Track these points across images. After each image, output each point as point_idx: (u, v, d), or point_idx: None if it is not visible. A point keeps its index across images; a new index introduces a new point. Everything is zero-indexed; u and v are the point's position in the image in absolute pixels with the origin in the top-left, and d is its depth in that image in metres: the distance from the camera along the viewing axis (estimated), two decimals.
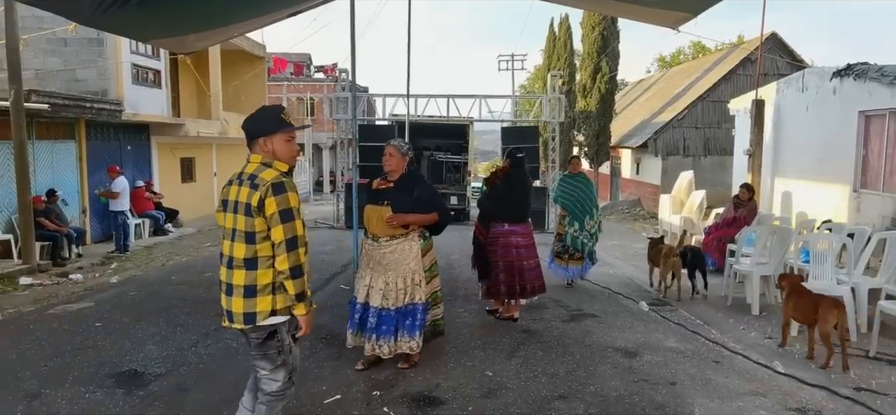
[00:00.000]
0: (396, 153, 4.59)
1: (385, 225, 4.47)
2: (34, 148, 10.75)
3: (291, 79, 30.11)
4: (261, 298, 2.85)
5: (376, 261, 4.54)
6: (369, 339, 4.55)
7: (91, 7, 5.78)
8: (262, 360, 2.96)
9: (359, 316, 4.58)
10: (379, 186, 4.63)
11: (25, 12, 10.32)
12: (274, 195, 2.79)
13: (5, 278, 8.66)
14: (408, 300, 4.57)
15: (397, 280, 4.52)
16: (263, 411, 3.00)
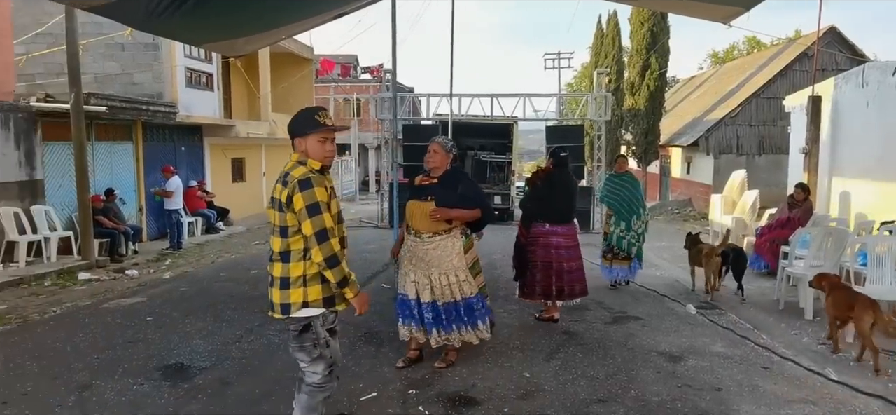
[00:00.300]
0: (440, 150, 4.58)
1: (428, 220, 4.45)
2: (94, 149, 11.23)
3: (338, 80, 30.57)
4: (293, 290, 2.99)
5: (419, 257, 4.54)
6: (430, 333, 4.59)
7: (146, 12, 6.01)
8: (300, 352, 3.09)
9: (414, 312, 4.58)
10: (422, 183, 4.64)
11: (86, 19, 10.78)
12: (300, 191, 2.93)
13: (65, 273, 9.08)
14: (459, 296, 4.56)
15: (441, 276, 4.51)
16: (304, 400, 3.12)
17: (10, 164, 9.70)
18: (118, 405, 4.02)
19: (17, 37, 11.42)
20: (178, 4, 5.78)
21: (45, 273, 8.92)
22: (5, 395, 4.18)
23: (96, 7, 6.75)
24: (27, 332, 5.94)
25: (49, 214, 10.15)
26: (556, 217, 6.01)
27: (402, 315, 4.68)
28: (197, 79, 13.96)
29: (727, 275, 7.58)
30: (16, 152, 9.81)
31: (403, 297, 4.66)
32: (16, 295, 7.78)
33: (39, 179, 10.25)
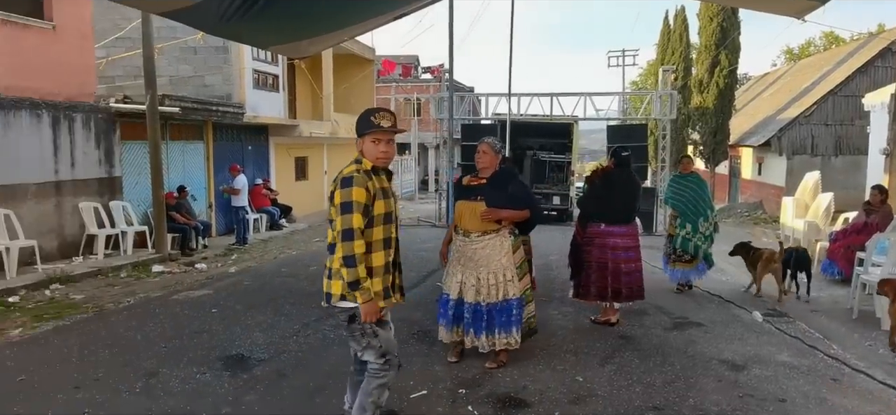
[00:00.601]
0: (489, 151, 4.61)
1: (478, 220, 4.47)
2: (167, 148, 11.79)
3: (399, 80, 30.93)
4: (335, 281, 3.11)
5: (468, 257, 4.56)
6: (467, 333, 4.60)
7: (216, 16, 6.27)
8: (351, 340, 3.23)
9: (453, 312, 4.62)
10: (470, 183, 4.66)
11: (161, 24, 11.32)
12: (340, 188, 3.04)
13: (140, 266, 9.58)
14: (501, 296, 4.56)
15: (489, 276, 4.52)
16: (365, 385, 3.23)
17: (91, 161, 10.30)
18: (181, 393, 4.21)
19: (98, 41, 12.12)
20: (246, 8, 6.00)
21: (122, 265, 9.43)
22: (79, 380, 4.44)
23: (170, 12, 7.11)
24: (102, 320, 6.30)
25: (126, 209, 10.72)
26: (613, 217, 5.89)
27: (442, 315, 4.74)
28: (263, 80, 14.43)
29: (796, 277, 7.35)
30: (96, 151, 10.41)
31: (445, 296, 4.70)
32: (94, 285, 8.26)
33: (118, 176, 10.85)
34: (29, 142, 9.15)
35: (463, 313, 4.58)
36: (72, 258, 9.64)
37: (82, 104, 10.16)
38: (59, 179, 9.70)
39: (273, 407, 3.99)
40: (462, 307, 4.59)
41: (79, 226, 9.97)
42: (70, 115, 9.87)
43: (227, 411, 3.91)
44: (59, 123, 9.68)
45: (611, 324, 6.01)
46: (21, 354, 5.13)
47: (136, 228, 10.64)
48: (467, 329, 4.59)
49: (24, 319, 6.41)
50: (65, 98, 9.86)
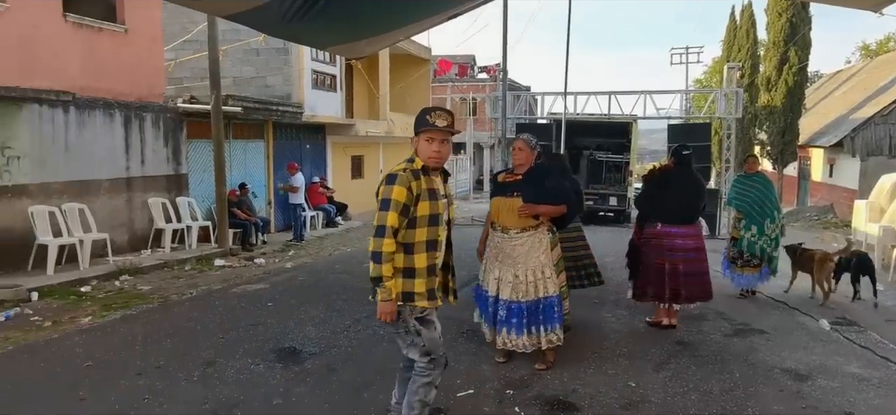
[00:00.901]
0: (525, 147, 4.58)
1: (515, 216, 4.44)
2: (230, 146, 12.20)
3: (455, 79, 31.00)
4: None
5: (506, 253, 4.51)
6: (499, 332, 4.56)
7: (277, 19, 6.45)
8: (397, 337, 3.23)
9: (492, 310, 4.60)
10: (505, 179, 4.65)
11: (226, 27, 11.72)
12: (383, 184, 3.03)
13: (203, 259, 9.94)
14: (541, 294, 4.50)
15: (527, 273, 4.47)
16: (411, 384, 3.22)
17: (159, 159, 10.77)
18: (236, 383, 4.34)
19: (167, 43, 12.66)
20: (306, 10, 6.14)
21: (186, 258, 9.82)
22: (141, 367, 4.65)
23: (234, 15, 7.36)
24: (166, 311, 6.58)
25: (191, 205, 11.15)
26: (670, 217, 5.75)
27: (484, 313, 4.72)
28: (321, 81, 14.73)
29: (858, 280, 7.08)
30: (164, 149, 10.88)
31: (485, 293, 4.66)
32: (160, 277, 8.62)
33: (184, 173, 11.30)
34: (102, 140, 9.64)
35: (498, 311, 4.54)
36: (140, 251, 10.09)
37: (152, 104, 10.63)
38: (130, 175, 10.18)
39: (322, 400, 4.05)
40: (497, 305, 4.55)
41: (148, 220, 10.43)
42: (140, 114, 10.34)
43: (278, 403, 4.00)
44: (131, 122, 10.16)
45: (663, 326, 5.87)
46: (90, 341, 5.40)
47: (200, 223, 11.04)
48: (499, 328, 4.55)
49: (95, 307, 6.76)
50: (136, 98, 10.34)
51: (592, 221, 16.92)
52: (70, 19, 9.31)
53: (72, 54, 9.31)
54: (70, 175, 9.12)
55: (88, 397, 4.06)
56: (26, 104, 8.39)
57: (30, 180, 8.56)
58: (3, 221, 8.22)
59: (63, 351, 5.08)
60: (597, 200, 16.89)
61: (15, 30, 8.38)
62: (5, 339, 5.50)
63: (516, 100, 17.27)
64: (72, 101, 8.88)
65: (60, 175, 8.98)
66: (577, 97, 16.20)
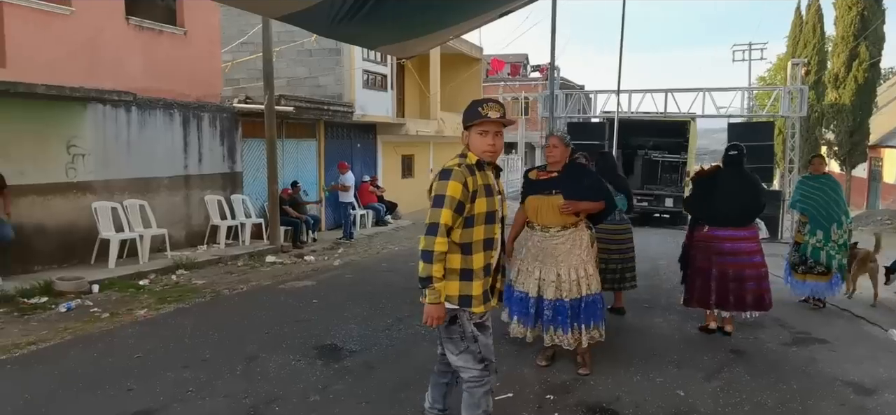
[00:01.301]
0: (560, 144, 4.54)
1: (557, 214, 4.37)
2: (283, 145, 12.45)
3: (508, 79, 30.79)
4: (446, 282, 2.91)
5: (547, 252, 4.43)
6: (547, 330, 4.50)
7: (328, 19, 6.52)
8: (449, 343, 3.03)
9: (534, 311, 4.50)
10: (540, 177, 4.55)
11: (281, 28, 11.97)
12: (437, 180, 2.91)
13: (255, 256, 10.17)
14: (584, 292, 4.44)
15: (570, 271, 4.41)
16: (466, 398, 3.05)
17: (216, 158, 11.09)
18: (276, 378, 4.39)
19: (225, 45, 13.03)
20: (354, 11, 6.18)
21: (239, 255, 10.07)
22: (187, 359, 4.76)
23: (285, 16, 7.48)
24: (216, 305, 6.74)
25: (245, 202, 11.44)
26: (718, 219, 5.52)
27: (518, 313, 4.60)
28: (372, 80, 14.87)
29: None
30: (220, 148, 11.19)
31: (521, 295, 4.56)
32: (213, 272, 8.86)
33: (239, 171, 11.60)
34: (162, 139, 9.99)
35: (543, 310, 4.46)
36: (197, 247, 10.41)
37: (209, 104, 10.95)
38: (188, 173, 10.51)
39: (359, 398, 4.05)
40: (542, 304, 4.46)
41: (204, 217, 10.75)
42: (198, 114, 10.67)
43: (315, 399, 4.02)
44: (189, 121, 10.49)
45: (711, 330, 5.69)
46: (142, 332, 5.59)
47: (253, 220, 11.31)
48: (547, 326, 4.48)
49: (151, 300, 6.99)
50: (194, 99, 10.67)
51: (647, 223, 16.49)
52: (132, 23, 9.69)
53: (133, 56, 9.68)
54: (131, 172, 9.49)
55: (136, 388, 4.18)
56: (90, 104, 8.78)
57: (94, 177, 8.95)
58: (68, 216, 8.62)
59: (116, 342, 5.26)
60: (651, 202, 16.45)
61: (80, 33, 8.77)
62: (65, 329, 5.75)
63: (568, 98, 16.98)
64: (133, 102, 9.23)
65: (122, 172, 9.35)
66: (632, 95, 15.80)
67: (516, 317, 4.60)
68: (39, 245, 8.25)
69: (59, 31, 8.49)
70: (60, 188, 8.53)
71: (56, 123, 8.40)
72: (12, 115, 7.81)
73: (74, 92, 8.18)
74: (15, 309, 6.47)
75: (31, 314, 6.33)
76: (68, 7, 8.59)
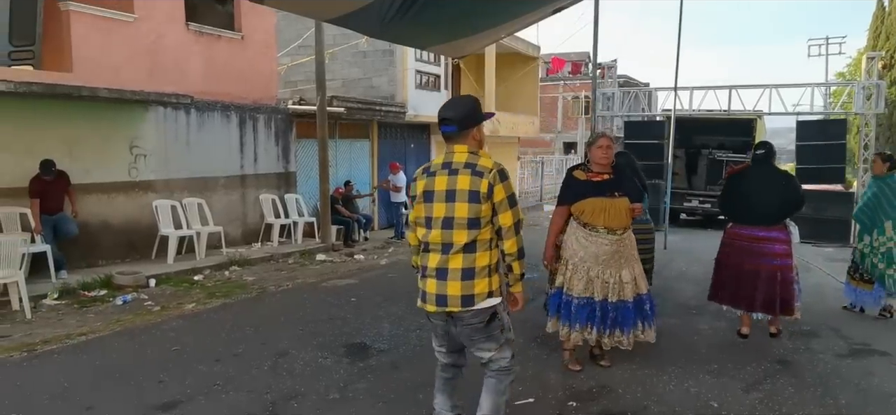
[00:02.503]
0: (612, 144, 4.49)
1: (624, 216, 4.32)
2: (336, 146, 12.69)
3: (568, 77, 30.30)
4: (479, 281, 2.90)
5: (613, 255, 4.34)
6: (612, 334, 4.39)
7: (378, 21, 6.60)
8: (488, 342, 3.01)
9: (601, 312, 4.37)
10: (592, 178, 4.40)
11: (335, 31, 12.20)
12: (501, 182, 2.90)
13: (306, 254, 10.40)
14: (641, 291, 4.45)
15: (630, 271, 4.40)
16: (494, 384, 3.09)
17: (271, 158, 11.42)
18: (301, 374, 4.46)
19: (283, 48, 13.41)
20: (404, 12, 6.22)
21: (291, 252, 10.32)
22: (221, 353, 4.91)
23: (336, 19, 7.61)
24: (260, 301, 6.93)
25: (298, 201, 11.72)
26: (743, 217, 5.52)
27: (578, 321, 4.40)
28: (425, 81, 14.96)
29: None
30: (275, 148, 11.52)
31: (584, 300, 4.37)
32: (264, 269, 9.12)
33: (292, 171, 11.91)
34: (219, 140, 10.37)
35: (607, 314, 4.37)
36: (251, 244, 10.76)
37: (265, 106, 11.29)
38: (244, 173, 10.88)
39: (377, 397, 4.05)
40: (605, 308, 4.37)
41: (259, 215, 11.10)
42: (254, 116, 11.02)
43: (334, 397, 4.05)
44: (245, 123, 10.85)
45: (744, 336, 5.55)
46: (185, 326, 5.81)
47: (305, 219, 11.57)
48: (612, 330, 4.39)
49: (201, 295, 7.26)
50: (250, 101, 11.03)
51: (710, 225, 15.84)
52: (192, 28, 10.10)
53: (193, 60, 10.09)
54: (190, 172, 9.90)
55: (167, 380, 4.34)
56: (151, 107, 9.21)
57: (155, 176, 9.39)
58: (131, 213, 9.08)
59: (158, 335, 5.49)
60: (715, 203, 15.78)
61: (142, 39, 9.22)
62: (117, 321, 6.05)
63: (625, 96, 16.52)
64: (191, 104, 9.62)
65: (182, 172, 9.77)
66: (693, 92, 15.20)
67: (577, 324, 4.41)
68: (103, 241, 8.73)
69: (123, 37, 8.95)
70: (123, 187, 9.00)
71: (119, 124, 8.87)
72: (78, 117, 8.29)
73: (135, 95, 8.61)
74: (75, 301, 6.86)
75: (89, 306, 6.70)
76: (131, 14, 9.04)
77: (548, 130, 30.96)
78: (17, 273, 6.27)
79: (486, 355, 3.04)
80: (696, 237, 12.79)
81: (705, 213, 15.75)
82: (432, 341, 3.26)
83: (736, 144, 16.32)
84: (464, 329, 2.99)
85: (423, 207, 3.00)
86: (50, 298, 6.83)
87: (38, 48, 8.44)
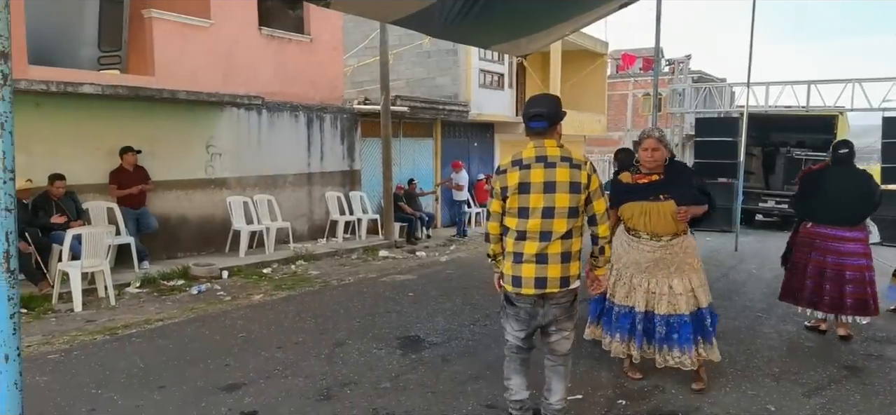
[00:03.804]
0: (661, 145, 4.11)
1: (670, 221, 4.01)
2: (400, 144, 12.95)
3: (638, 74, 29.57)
4: (574, 263, 3.21)
5: (658, 263, 4.08)
6: (660, 350, 4.09)
7: (440, 21, 6.73)
8: (568, 321, 3.32)
9: (642, 327, 4.13)
10: (639, 181, 4.16)
11: (401, 31, 12.42)
12: (595, 173, 3.24)
13: (370, 250, 10.67)
14: (694, 307, 4.06)
15: (685, 281, 4.06)
16: (562, 370, 3.40)
17: (337, 156, 11.79)
18: (356, 364, 4.63)
19: (350, 50, 13.79)
20: (465, 12, 6.33)
21: (355, 248, 10.62)
22: (283, 342, 5.16)
23: (398, 20, 7.80)
24: (322, 294, 7.20)
25: (362, 199, 12.04)
26: (821, 216, 5.33)
27: (620, 330, 4.22)
28: (489, 80, 15.01)
29: None
30: (341, 147, 11.88)
31: (625, 310, 4.19)
32: (328, 264, 9.44)
33: (357, 169, 12.24)
34: (288, 139, 10.81)
35: (655, 327, 4.09)
36: (317, 240, 11.13)
37: (331, 106, 11.67)
38: (310, 171, 11.28)
39: (427, 389, 4.16)
40: (654, 321, 4.09)
41: (324, 212, 11.48)
42: (321, 115, 11.41)
43: (386, 386, 4.19)
44: (312, 122, 11.25)
45: (819, 331, 5.51)
46: (252, 315, 6.12)
47: (369, 216, 11.87)
48: (661, 345, 4.08)
49: (268, 287, 7.61)
50: (317, 101, 11.42)
51: (787, 227, 15.12)
52: (264, 32, 10.56)
53: (265, 63, 10.55)
54: (261, 170, 10.36)
55: (232, 364, 4.61)
56: (226, 108, 9.71)
57: (229, 174, 9.89)
58: (207, 209, 9.61)
59: (227, 323, 5.81)
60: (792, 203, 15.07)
61: (218, 43, 9.72)
62: (191, 309, 6.45)
63: (698, 93, 15.98)
64: (262, 105, 10.07)
65: (253, 170, 10.24)
66: (769, 88, 14.54)
67: (618, 334, 4.26)
68: (182, 234, 9.29)
69: (200, 42, 9.47)
70: (200, 184, 9.53)
71: (197, 125, 9.40)
72: (159, 118, 8.85)
73: (211, 97, 9.10)
74: (155, 290, 7.35)
75: (167, 295, 7.16)
76: (208, 20, 9.55)
77: (616, 128, 30.33)
78: (104, 263, 6.78)
79: (564, 333, 3.32)
80: (770, 239, 12.24)
81: (782, 213, 15.03)
82: (509, 326, 3.36)
83: (816, 142, 15.52)
84: (551, 309, 3.23)
85: (517, 197, 3.17)
86: (132, 287, 7.35)
87: (125, 53, 9.08)
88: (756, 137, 15.31)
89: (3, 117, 1.85)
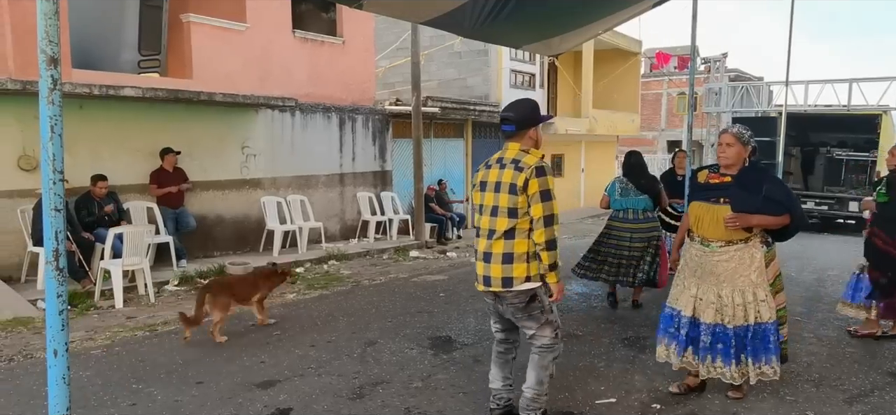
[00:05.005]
0: (736, 142, 3.77)
1: (720, 227, 3.73)
2: (431, 145, 12.99)
3: (674, 73, 29.11)
4: (516, 265, 3.26)
5: (707, 270, 3.83)
6: (704, 361, 3.87)
7: (470, 22, 6.75)
8: (529, 320, 3.38)
9: (686, 332, 3.93)
10: (709, 180, 3.91)
11: (433, 32, 12.53)
12: (537, 177, 3.20)
13: (401, 250, 10.73)
14: (753, 319, 3.80)
15: (734, 294, 3.78)
16: (537, 359, 3.44)
17: (368, 157, 11.89)
18: (388, 363, 4.67)
19: (382, 51, 13.89)
20: (497, 11, 6.33)
21: (386, 248, 10.69)
22: (316, 340, 5.23)
23: (429, 21, 7.84)
24: (354, 293, 7.27)
25: (393, 199, 12.11)
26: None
27: (665, 332, 4.07)
28: (520, 80, 14.96)
29: None
30: (372, 147, 11.97)
31: (672, 312, 4.02)
32: (360, 264, 9.53)
33: (389, 169, 12.32)
34: (321, 140, 10.94)
35: (700, 336, 3.86)
36: (349, 240, 11.24)
37: (363, 107, 11.77)
38: (342, 171, 11.40)
39: (457, 389, 4.17)
40: (698, 328, 3.87)
41: (356, 212, 11.58)
42: (353, 116, 11.51)
43: (418, 386, 4.22)
44: (345, 123, 11.37)
45: (876, 337, 5.26)
46: (286, 313, 6.21)
47: (401, 216, 11.93)
48: (704, 356, 3.85)
49: (301, 286, 7.71)
50: (350, 103, 11.53)
51: (827, 229, 14.75)
52: (297, 35, 10.71)
53: (298, 65, 10.71)
54: (294, 171, 10.51)
55: (267, 360, 4.69)
56: (261, 109, 9.87)
57: (263, 175, 10.06)
58: (242, 208, 9.79)
59: None
60: (833, 205, 14.66)
61: (254, 46, 9.90)
62: None
63: (734, 92, 15.67)
64: (296, 107, 10.22)
65: (286, 171, 10.39)
66: (808, 87, 14.17)
67: (662, 337, 4.05)
68: (218, 234, 9.47)
69: (236, 45, 9.66)
70: (236, 184, 9.71)
71: (232, 126, 9.58)
72: (196, 120, 9.05)
73: (246, 99, 9.27)
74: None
75: None
76: (244, 23, 9.73)
77: (650, 128, 29.89)
78: (143, 261, 6.96)
79: (527, 331, 3.41)
80: (810, 242, 11.92)
81: (822, 215, 14.67)
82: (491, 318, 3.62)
83: (858, 142, 15.09)
84: (507, 307, 3.38)
85: (478, 195, 3.42)
86: (171, 285, 7.53)
87: (164, 57, 9.31)
88: (795, 137, 14.94)
89: (53, 120, 1.92)
